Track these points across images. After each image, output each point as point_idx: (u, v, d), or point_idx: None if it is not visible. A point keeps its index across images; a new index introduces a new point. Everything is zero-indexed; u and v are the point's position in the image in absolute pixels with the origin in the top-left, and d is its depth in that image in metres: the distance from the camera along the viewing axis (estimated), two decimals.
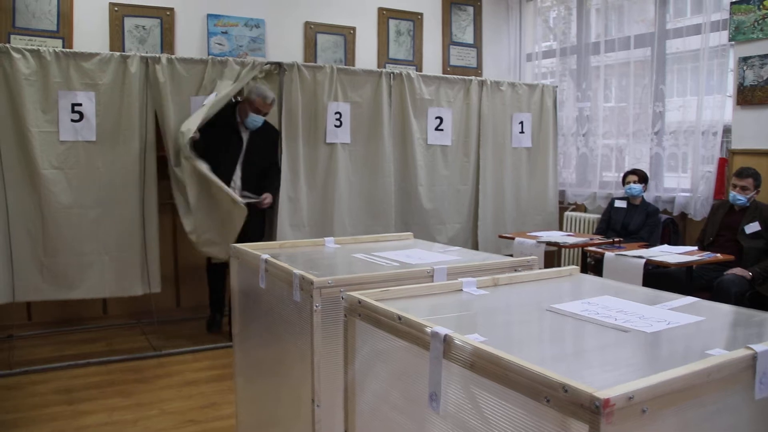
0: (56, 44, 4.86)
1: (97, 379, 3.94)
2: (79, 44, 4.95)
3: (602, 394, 0.97)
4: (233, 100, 4.60)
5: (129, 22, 5.24)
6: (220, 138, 4.45)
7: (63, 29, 5.00)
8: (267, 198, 4.53)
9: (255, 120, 4.44)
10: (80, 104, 4.12)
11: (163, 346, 4.51)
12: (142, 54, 4.31)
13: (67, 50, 4.17)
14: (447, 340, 1.28)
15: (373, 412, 1.58)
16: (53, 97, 4.05)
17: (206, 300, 5.02)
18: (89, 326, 4.94)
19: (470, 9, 6.84)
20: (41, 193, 4.06)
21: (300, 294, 1.95)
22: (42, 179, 4.05)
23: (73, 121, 4.10)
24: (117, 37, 5.20)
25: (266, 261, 2.22)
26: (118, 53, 4.25)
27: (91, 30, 5.11)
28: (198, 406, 3.54)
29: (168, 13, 5.37)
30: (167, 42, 5.37)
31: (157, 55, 4.33)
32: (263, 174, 4.65)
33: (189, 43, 5.46)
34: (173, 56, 4.41)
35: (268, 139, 4.65)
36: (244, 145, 4.53)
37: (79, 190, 4.16)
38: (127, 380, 3.93)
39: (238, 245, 2.55)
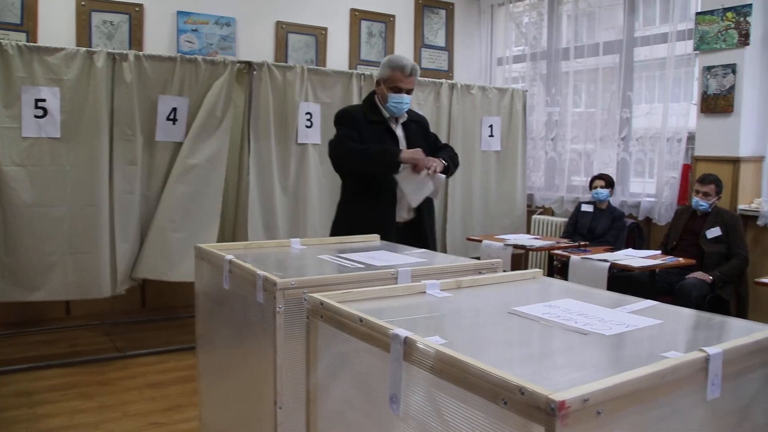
0: (20, 38, 4.76)
1: (58, 381, 3.88)
2: (44, 38, 4.86)
3: (558, 396, 0.98)
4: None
5: (96, 17, 5.17)
6: (374, 141, 3.32)
7: (27, 22, 4.91)
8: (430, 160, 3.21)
9: (398, 101, 3.31)
10: (44, 100, 4.04)
11: (127, 348, 4.45)
12: (109, 50, 4.25)
13: (31, 44, 4.10)
14: (407, 343, 1.28)
15: (336, 414, 1.58)
16: (15, 92, 3.96)
17: (172, 301, 4.96)
18: (51, 327, 4.85)
19: (442, 12, 6.87)
20: (2, 191, 3.97)
21: (263, 295, 1.93)
22: (3, 176, 3.95)
23: (36, 117, 4.01)
24: (84, 33, 5.12)
25: (230, 262, 2.21)
26: (84, 48, 4.17)
27: (56, 24, 5.03)
28: (162, 409, 3.50)
29: (137, 9, 5.31)
30: (136, 38, 5.31)
31: (125, 52, 4.27)
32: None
33: (158, 40, 5.41)
34: (141, 53, 4.36)
35: (422, 127, 3.60)
36: (401, 142, 3.40)
37: (42, 188, 4.07)
38: (90, 382, 3.87)
39: (203, 245, 2.52)
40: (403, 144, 3.38)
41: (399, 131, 3.42)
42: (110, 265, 4.29)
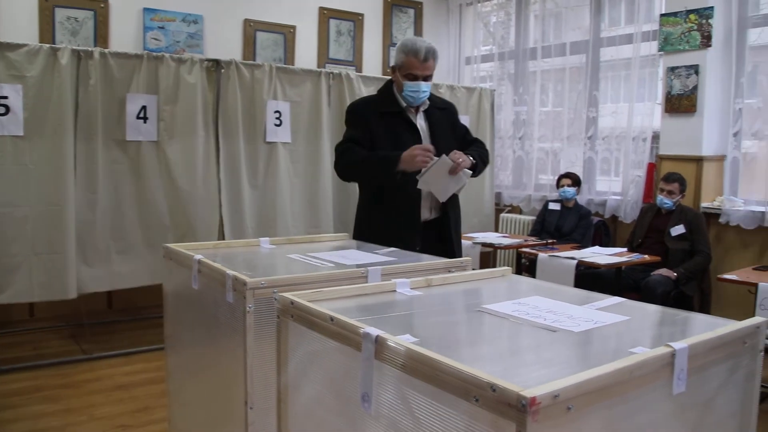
0: None
1: (22, 385, 3.80)
2: (6, 34, 4.74)
3: (528, 392, 0.99)
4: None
5: (60, 13, 5.08)
6: (388, 136, 3.00)
7: None
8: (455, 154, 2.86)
9: (414, 90, 2.95)
10: (6, 97, 3.95)
11: (94, 350, 4.38)
12: (74, 47, 4.17)
13: None
14: (379, 341, 1.28)
15: (307, 413, 1.57)
16: None
17: (140, 301, 4.88)
18: (15, 330, 4.76)
19: (411, 11, 6.89)
20: None
21: (233, 295, 1.92)
22: None
23: None
24: (47, 29, 5.03)
25: (199, 261, 2.19)
26: (47, 45, 4.09)
27: (18, 20, 4.93)
28: (129, 411, 3.45)
29: (102, 5, 5.23)
30: (101, 35, 5.23)
31: (90, 49, 4.21)
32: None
33: (124, 37, 5.34)
34: (107, 50, 4.29)
35: (449, 115, 3.21)
36: (423, 133, 3.05)
37: (5, 188, 3.97)
38: (55, 385, 3.80)
39: (171, 245, 2.50)
40: (425, 135, 3.04)
41: (420, 121, 3.06)
42: (76, 265, 4.21)
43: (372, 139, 2.99)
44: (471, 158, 2.94)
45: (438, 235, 3.06)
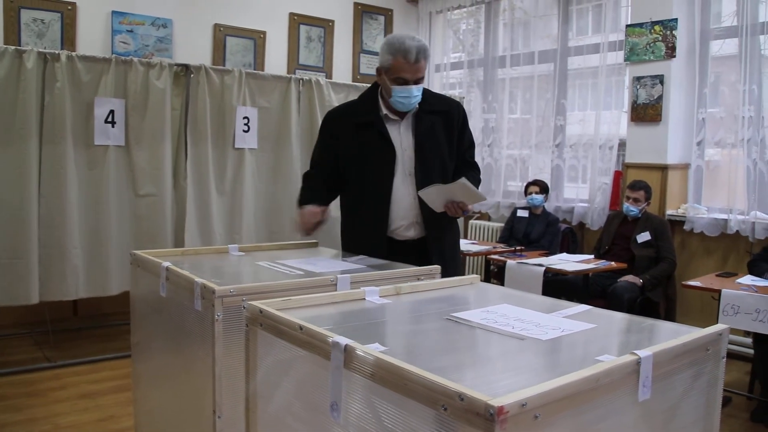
0: None
1: None
2: None
3: (496, 401, 0.99)
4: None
5: (26, 15, 5.00)
6: (359, 153, 2.70)
7: None
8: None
9: (404, 96, 2.60)
10: None
11: (58, 357, 4.31)
12: (40, 49, 4.11)
13: None
14: (347, 350, 1.28)
15: (275, 422, 1.57)
16: None
17: (106, 308, 4.80)
18: None
19: (381, 18, 6.91)
20: None
21: (201, 303, 1.90)
22: None
23: None
24: (12, 30, 4.95)
25: (167, 269, 2.16)
26: (12, 47, 4.02)
27: None
28: (95, 420, 3.40)
29: (69, 7, 5.16)
30: (68, 38, 5.16)
31: (57, 52, 4.14)
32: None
33: (91, 40, 5.27)
34: (74, 53, 4.23)
35: (446, 119, 2.76)
36: (401, 148, 2.68)
37: None
38: (19, 394, 3.73)
39: (138, 252, 2.47)
40: (405, 149, 2.68)
41: (404, 131, 2.68)
42: (39, 270, 4.13)
43: (344, 156, 2.72)
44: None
45: (420, 257, 2.63)
